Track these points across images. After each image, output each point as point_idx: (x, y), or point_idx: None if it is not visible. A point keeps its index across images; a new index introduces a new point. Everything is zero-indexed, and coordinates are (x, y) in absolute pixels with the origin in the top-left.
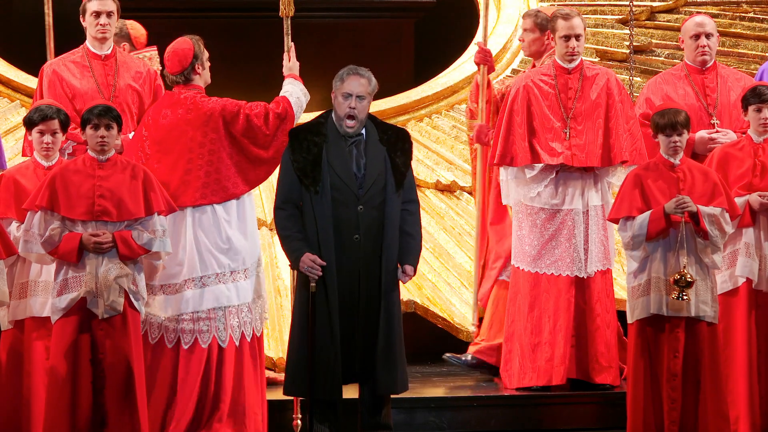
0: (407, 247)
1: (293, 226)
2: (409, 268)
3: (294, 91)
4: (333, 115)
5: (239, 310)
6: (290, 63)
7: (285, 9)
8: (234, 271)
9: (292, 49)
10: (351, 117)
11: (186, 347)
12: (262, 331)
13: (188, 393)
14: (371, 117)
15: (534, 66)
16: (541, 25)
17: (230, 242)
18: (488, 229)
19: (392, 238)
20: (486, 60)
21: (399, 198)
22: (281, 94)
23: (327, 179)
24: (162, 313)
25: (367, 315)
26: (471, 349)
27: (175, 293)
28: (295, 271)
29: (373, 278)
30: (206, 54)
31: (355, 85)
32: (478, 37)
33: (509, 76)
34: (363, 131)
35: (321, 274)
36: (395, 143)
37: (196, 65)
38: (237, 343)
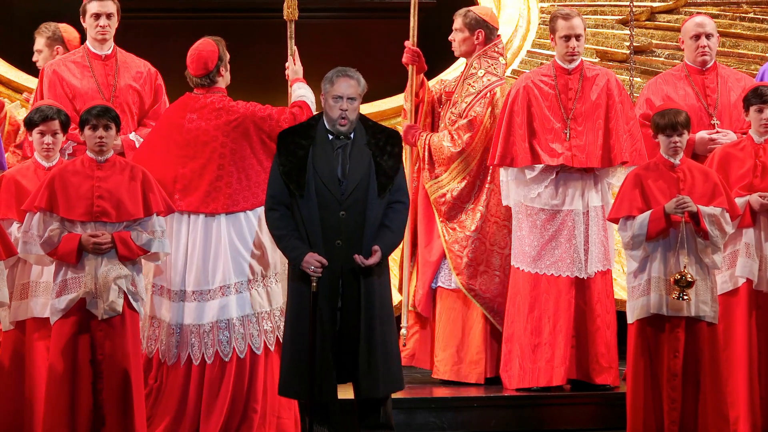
0: (381, 235)
1: (287, 225)
2: (375, 248)
3: (309, 95)
4: (324, 117)
5: (271, 314)
6: (295, 66)
7: (289, 12)
8: (265, 276)
9: (296, 52)
10: (343, 119)
11: (227, 359)
12: None
13: (220, 404)
14: (363, 119)
15: (467, 66)
16: (470, 25)
17: (262, 248)
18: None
19: (371, 243)
20: (414, 60)
21: (383, 202)
22: (298, 98)
23: (312, 183)
24: (195, 321)
25: (349, 319)
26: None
27: (209, 300)
28: (288, 271)
29: (354, 282)
30: (228, 56)
31: (345, 87)
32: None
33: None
34: (351, 135)
35: (326, 264)
36: (383, 147)
37: (221, 68)
38: (272, 348)
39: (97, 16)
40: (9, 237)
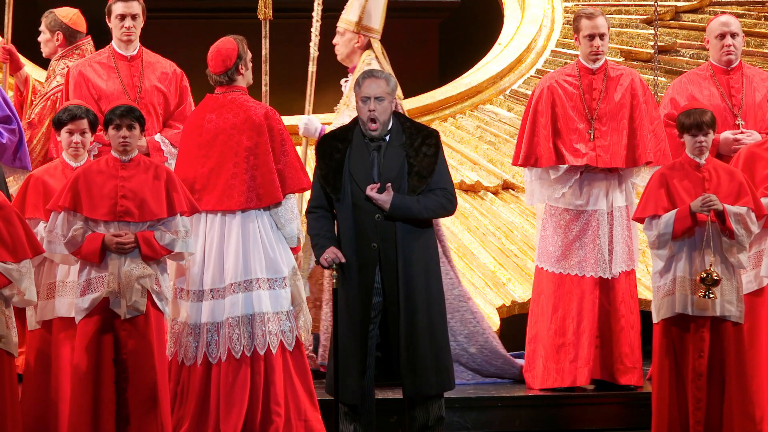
0: (407, 197)
1: (322, 226)
2: (390, 189)
3: None
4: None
5: (278, 317)
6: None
7: (265, 12)
8: (272, 279)
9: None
10: (372, 120)
11: (237, 356)
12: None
13: (237, 403)
14: (402, 119)
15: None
16: (51, 26)
17: (269, 249)
18: None
19: (405, 244)
20: (6, 59)
21: None
22: None
23: (348, 187)
24: (211, 319)
25: (391, 319)
26: None
27: (223, 297)
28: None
29: (393, 282)
30: (249, 54)
31: (372, 88)
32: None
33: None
34: (386, 137)
35: (343, 261)
36: (419, 148)
37: (240, 65)
38: (274, 351)
39: (122, 17)
40: (35, 236)
